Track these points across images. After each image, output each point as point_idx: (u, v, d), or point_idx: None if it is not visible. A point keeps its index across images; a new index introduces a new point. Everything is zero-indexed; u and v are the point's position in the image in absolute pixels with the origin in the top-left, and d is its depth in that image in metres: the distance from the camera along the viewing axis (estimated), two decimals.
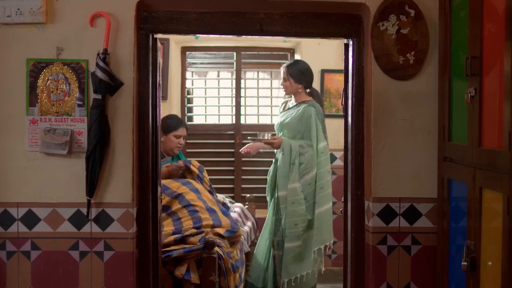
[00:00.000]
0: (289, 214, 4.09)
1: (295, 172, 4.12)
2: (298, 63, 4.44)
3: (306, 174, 4.15)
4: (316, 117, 4.21)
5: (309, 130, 4.18)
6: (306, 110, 4.21)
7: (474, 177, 2.22)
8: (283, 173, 4.13)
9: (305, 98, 4.30)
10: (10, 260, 2.74)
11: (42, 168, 2.72)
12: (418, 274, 2.81)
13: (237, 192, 5.54)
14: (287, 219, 4.09)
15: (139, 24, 2.82)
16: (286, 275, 4.10)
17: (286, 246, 4.09)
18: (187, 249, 3.29)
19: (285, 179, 4.12)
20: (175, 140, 4.13)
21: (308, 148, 4.16)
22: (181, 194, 3.73)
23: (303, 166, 4.13)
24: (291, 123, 4.23)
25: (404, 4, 2.75)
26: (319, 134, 4.21)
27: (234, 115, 5.62)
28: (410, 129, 2.80)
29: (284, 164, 4.13)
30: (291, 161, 4.12)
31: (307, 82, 4.29)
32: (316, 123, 4.20)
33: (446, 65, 2.60)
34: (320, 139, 4.21)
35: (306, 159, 4.14)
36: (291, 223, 4.09)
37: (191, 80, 5.79)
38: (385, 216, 2.81)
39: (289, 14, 2.88)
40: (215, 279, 3.22)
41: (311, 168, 4.16)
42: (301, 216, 4.10)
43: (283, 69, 4.28)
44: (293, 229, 4.09)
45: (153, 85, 2.88)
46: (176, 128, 4.13)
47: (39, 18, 2.67)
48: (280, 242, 4.13)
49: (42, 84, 2.71)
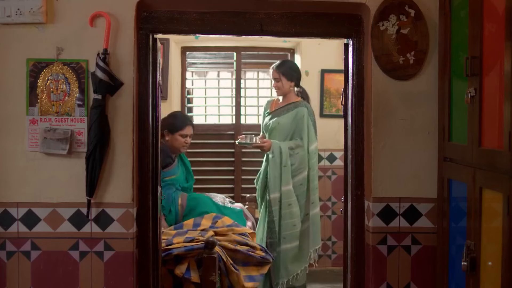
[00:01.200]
0: (287, 216, 4.10)
1: (288, 174, 4.13)
2: (286, 62, 4.47)
3: (298, 175, 4.17)
4: (309, 117, 4.23)
5: (300, 130, 4.21)
6: (299, 110, 4.24)
7: (474, 177, 2.22)
8: (274, 176, 4.14)
9: (295, 99, 4.32)
10: (10, 260, 2.74)
11: (42, 168, 2.72)
12: (418, 274, 2.81)
13: (237, 192, 5.53)
14: (284, 221, 4.10)
15: (139, 24, 2.82)
16: (286, 275, 4.11)
17: (285, 247, 4.09)
18: (188, 247, 3.30)
19: (276, 182, 4.13)
20: (181, 140, 4.09)
21: (298, 149, 4.18)
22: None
23: (294, 167, 4.16)
24: (283, 125, 4.24)
25: (404, 4, 2.75)
26: (311, 135, 4.23)
27: (234, 115, 5.61)
28: (410, 129, 2.80)
29: (275, 166, 4.14)
30: (282, 163, 4.14)
31: (298, 79, 4.32)
32: (308, 124, 4.22)
33: (446, 65, 2.60)
34: (312, 140, 4.23)
35: (297, 160, 4.17)
36: (289, 224, 4.10)
37: (191, 80, 5.79)
38: (385, 216, 2.81)
39: (289, 14, 2.88)
40: (215, 279, 3.22)
41: (303, 169, 4.18)
42: (298, 216, 4.13)
43: (273, 70, 4.30)
44: (291, 230, 4.11)
45: (153, 85, 2.88)
46: (182, 128, 4.09)
47: (39, 18, 2.67)
48: (274, 244, 4.13)
49: (42, 84, 2.71)
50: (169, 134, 4.06)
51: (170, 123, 4.07)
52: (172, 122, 4.09)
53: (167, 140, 4.06)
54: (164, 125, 4.03)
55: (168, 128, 4.05)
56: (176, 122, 4.11)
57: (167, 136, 4.05)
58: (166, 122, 4.07)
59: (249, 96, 5.68)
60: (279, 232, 4.11)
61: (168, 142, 4.06)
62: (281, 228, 4.11)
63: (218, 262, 3.27)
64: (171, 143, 4.08)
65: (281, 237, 4.11)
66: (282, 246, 4.10)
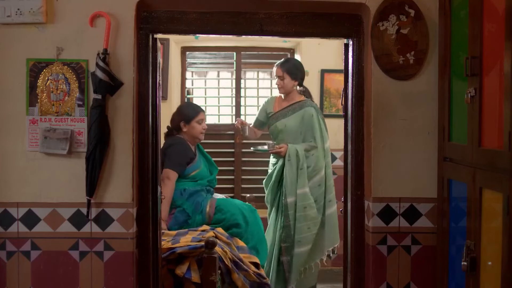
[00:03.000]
0: (301, 219, 4.06)
1: (304, 176, 4.10)
2: (291, 60, 4.44)
3: (314, 176, 4.14)
4: (318, 116, 4.19)
5: (311, 130, 4.16)
6: (307, 110, 4.19)
7: (474, 177, 2.22)
8: (291, 179, 4.09)
9: (298, 98, 4.28)
10: (10, 260, 2.74)
11: (42, 168, 2.72)
12: (418, 274, 2.82)
13: (237, 192, 5.53)
14: (298, 224, 4.06)
15: (139, 24, 2.82)
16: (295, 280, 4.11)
17: (300, 250, 4.07)
18: (192, 246, 3.30)
19: (293, 185, 4.09)
20: (198, 126, 4.06)
21: (313, 150, 4.14)
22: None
23: (310, 169, 4.12)
24: (291, 126, 4.19)
25: (404, 4, 2.75)
26: (324, 133, 4.20)
27: (234, 115, 5.61)
28: (410, 129, 2.80)
29: (292, 170, 4.09)
30: (299, 166, 4.09)
31: (302, 79, 4.28)
32: (319, 123, 4.18)
33: (446, 65, 2.60)
34: (325, 139, 4.20)
35: (312, 162, 4.13)
36: (304, 228, 4.07)
37: (191, 80, 5.79)
38: (385, 216, 2.81)
39: (289, 14, 2.88)
40: (215, 279, 3.22)
41: (319, 170, 4.15)
42: (314, 219, 4.10)
43: (277, 68, 4.23)
44: (306, 233, 4.08)
45: (153, 85, 2.88)
46: (196, 114, 4.07)
47: (39, 18, 2.67)
48: (289, 248, 4.11)
49: (42, 84, 2.71)
50: (186, 125, 4.03)
51: (184, 114, 4.06)
52: (185, 112, 4.08)
53: (185, 132, 4.04)
54: (177, 120, 4.06)
55: (183, 120, 4.04)
56: (188, 111, 4.09)
57: (185, 128, 4.03)
58: (179, 115, 4.08)
59: (249, 96, 5.68)
60: (294, 235, 4.09)
61: (186, 133, 4.04)
62: (296, 231, 4.08)
63: (219, 262, 3.28)
64: (189, 133, 4.05)
65: (296, 240, 4.08)
66: (296, 250, 4.07)
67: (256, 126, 4.50)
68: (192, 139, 4.10)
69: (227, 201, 4.02)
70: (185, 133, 4.06)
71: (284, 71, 4.20)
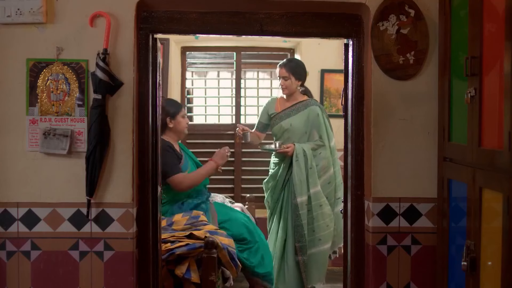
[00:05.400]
0: (319, 217, 4.08)
1: (314, 175, 4.09)
2: (293, 60, 4.44)
3: (324, 174, 4.15)
4: (323, 115, 4.20)
5: (317, 129, 4.16)
6: (312, 109, 4.19)
7: (474, 177, 2.22)
8: (300, 179, 4.09)
9: (301, 98, 4.28)
10: (10, 260, 2.74)
11: (42, 168, 2.72)
12: (418, 274, 2.82)
13: (237, 192, 5.54)
14: (317, 223, 4.07)
15: (139, 24, 2.82)
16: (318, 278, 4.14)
17: (322, 248, 4.10)
18: (191, 246, 3.30)
19: (303, 185, 4.08)
20: (183, 121, 4.06)
21: (321, 149, 4.15)
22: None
23: (319, 167, 4.13)
24: (297, 125, 4.19)
25: (404, 4, 2.75)
26: (329, 132, 4.21)
27: (234, 115, 5.62)
28: (410, 129, 2.80)
29: (300, 170, 4.08)
30: (308, 165, 4.09)
31: (305, 78, 4.28)
32: (325, 122, 4.19)
33: (446, 65, 2.61)
34: (331, 137, 4.22)
35: (321, 160, 4.14)
36: (323, 226, 4.10)
37: (191, 80, 5.80)
38: (385, 216, 2.81)
39: (289, 14, 2.88)
40: (215, 279, 3.22)
41: (328, 167, 4.16)
42: (329, 216, 4.14)
43: (282, 69, 4.20)
44: (326, 231, 4.11)
45: (153, 85, 2.88)
46: (180, 109, 4.07)
47: (39, 18, 2.67)
48: (304, 247, 4.11)
49: (42, 84, 2.71)
50: (172, 120, 4.00)
51: (168, 110, 4.02)
52: (168, 109, 4.04)
53: (172, 128, 4.00)
54: (162, 117, 3.99)
55: (169, 116, 4.01)
56: (172, 107, 4.06)
57: (171, 123, 4.00)
58: (163, 113, 4.05)
59: (249, 96, 5.69)
60: (314, 234, 4.09)
61: (173, 129, 4.01)
62: (316, 230, 4.09)
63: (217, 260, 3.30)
64: (176, 129, 4.02)
65: (316, 238, 4.09)
66: (317, 248, 4.10)
67: (259, 130, 4.48)
68: (177, 135, 4.07)
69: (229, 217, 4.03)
70: (171, 129, 4.01)
71: (289, 71, 4.18)
